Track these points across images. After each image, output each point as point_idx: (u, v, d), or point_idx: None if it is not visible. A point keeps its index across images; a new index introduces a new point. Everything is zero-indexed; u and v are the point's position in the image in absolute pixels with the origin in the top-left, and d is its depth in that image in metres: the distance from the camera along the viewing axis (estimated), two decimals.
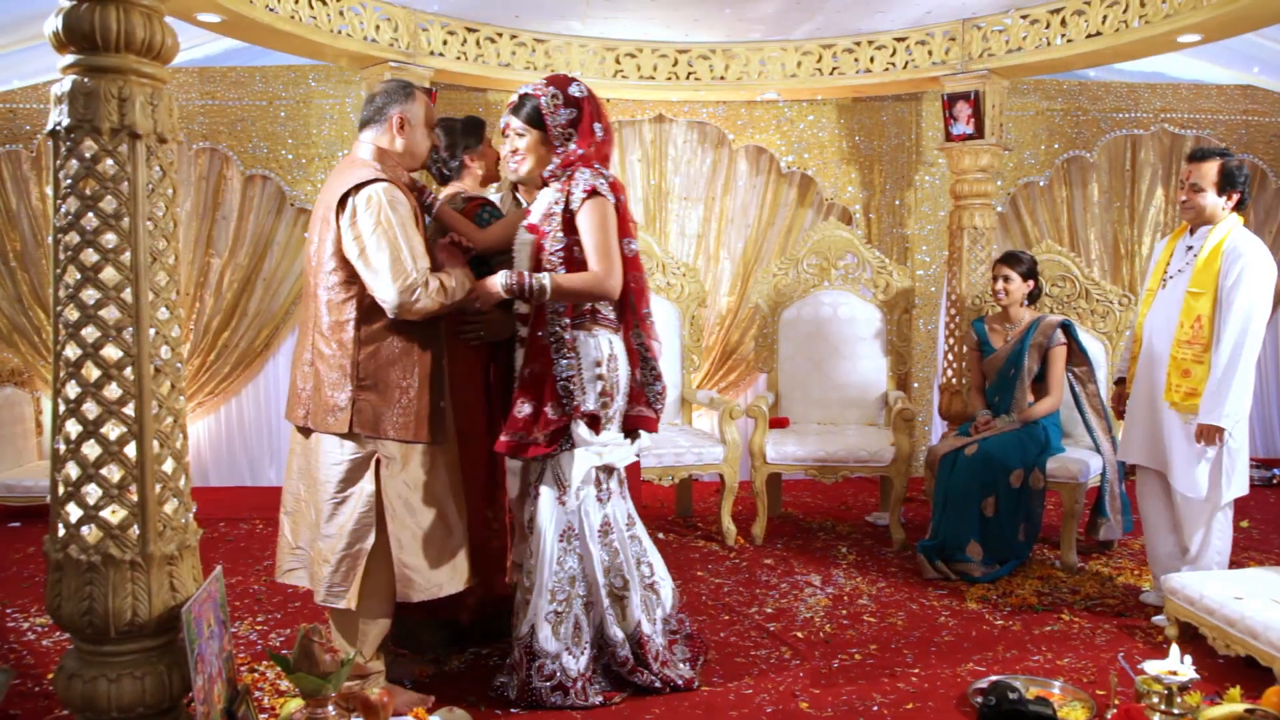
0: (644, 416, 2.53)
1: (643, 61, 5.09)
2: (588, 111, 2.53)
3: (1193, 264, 3.05)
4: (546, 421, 2.42)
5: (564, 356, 2.44)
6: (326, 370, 2.35)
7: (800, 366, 4.75)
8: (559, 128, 2.51)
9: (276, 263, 5.21)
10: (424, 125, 2.50)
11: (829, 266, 4.81)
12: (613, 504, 2.54)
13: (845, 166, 5.54)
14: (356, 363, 2.34)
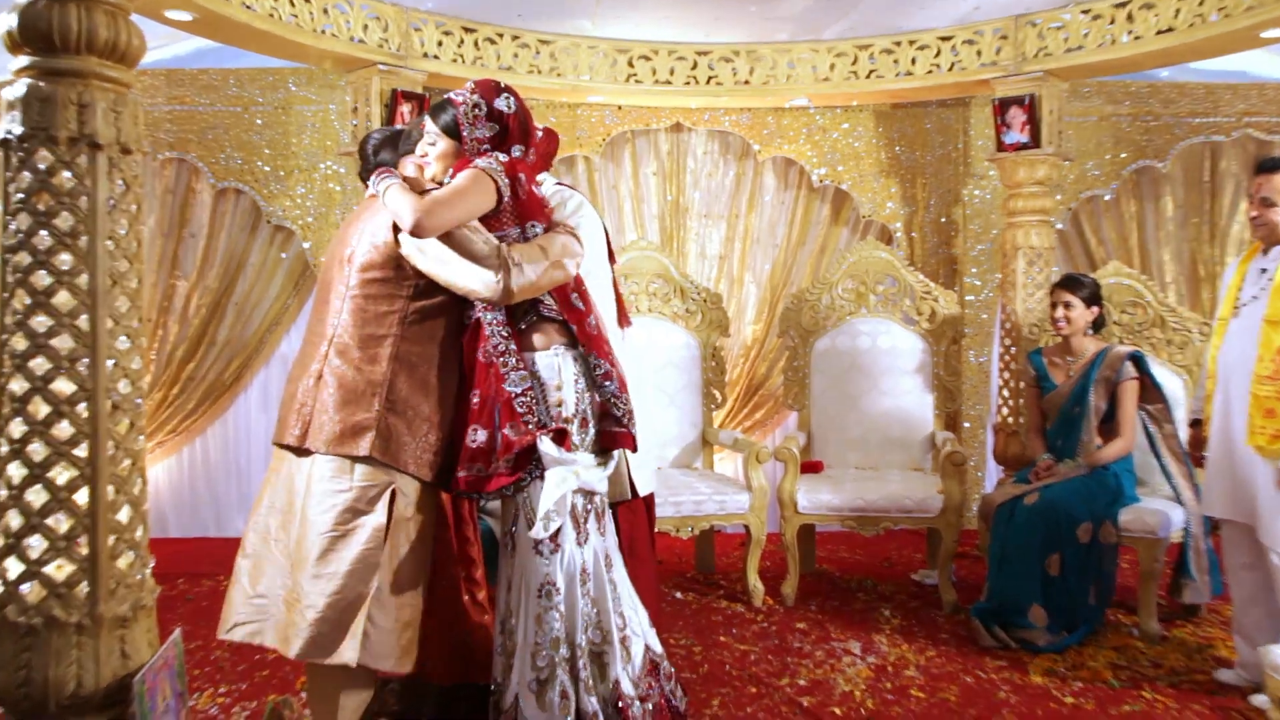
0: (620, 433, 2.54)
1: (659, 64, 5.12)
2: (513, 130, 2.55)
3: (1268, 288, 3.01)
4: (507, 444, 2.41)
5: (514, 370, 2.45)
6: (347, 386, 2.37)
7: (835, 403, 4.73)
8: (474, 142, 2.54)
9: (250, 286, 5.24)
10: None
11: (867, 291, 4.82)
12: (591, 544, 2.53)
13: (884, 180, 5.56)
14: (390, 382, 2.37)
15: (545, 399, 2.49)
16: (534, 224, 2.53)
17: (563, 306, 2.54)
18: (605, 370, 2.54)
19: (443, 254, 2.37)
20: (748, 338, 5.65)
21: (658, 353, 4.70)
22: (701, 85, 5.13)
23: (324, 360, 2.41)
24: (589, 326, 2.56)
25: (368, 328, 2.40)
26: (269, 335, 5.29)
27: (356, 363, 2.39)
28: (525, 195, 2.51)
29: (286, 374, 5.30)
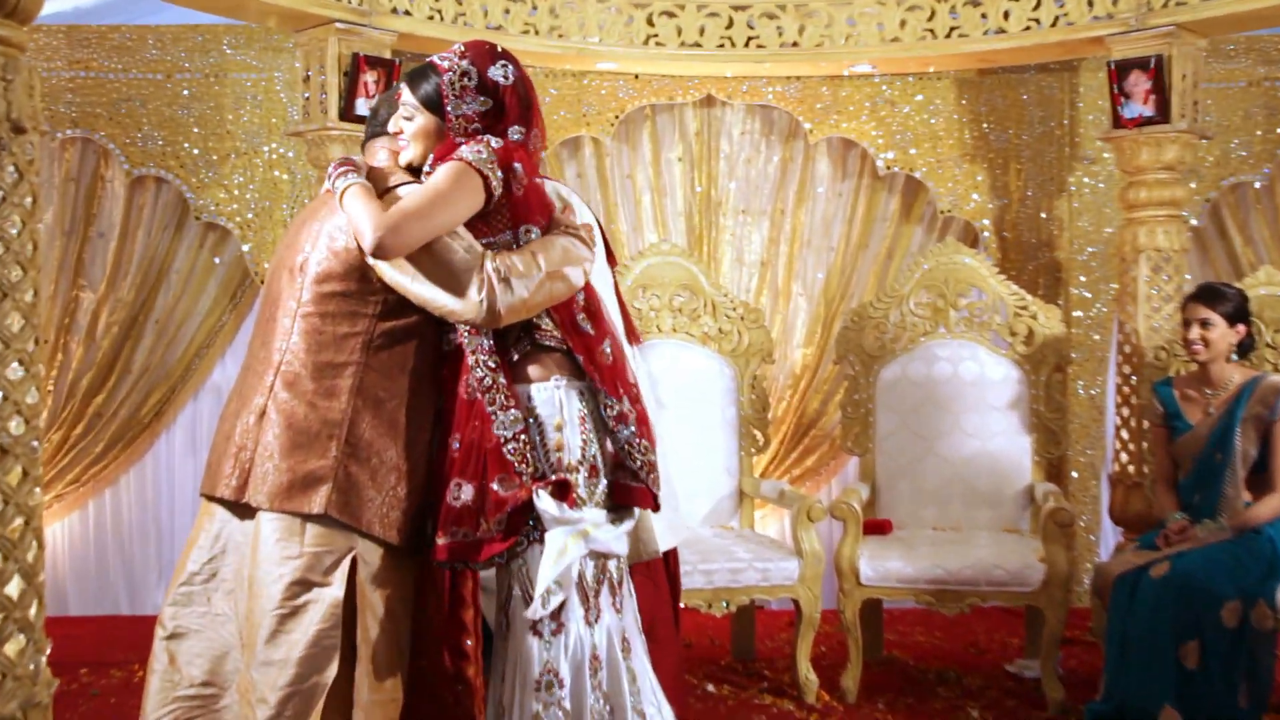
0: (636, 488, 2.55)
1: (685, 23, 5.10)
2: (509, 107, 2.56)
3: None
4: (497, 501, 2.42)
5: (504, 409, 2.46)
6: (297, 425, 2.38)
7: (907, 447, 4.71)
8: (460, 120, 2.55)
9: (174, 299, 5.22)
10: None
11: (946, 306, 4.82)
12: (604, 623, 2.52)
13: (968, 165, 5.53)
14: (351, 421, 2.39)
15: (544, 442, 2.49)
16: (529, 228, 2.54)
17: (566, 330, 2.55)
18: (620, 411, 2.54)
19: (412, 265, 2.39)
20: (796, 364, 5.64)
21: (683, 383, 4.68)
22: (739, 48, 5.11)
23: (269, 393, 2.42)
24: (600, 356, 2.56)
25: (324, 353, 2.41)
26: (198, 361, 5.28)
27: (309, 397, 2.39)
28: (522, 192, 2.51)
29: (218, 407, 5.28)
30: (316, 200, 2.61)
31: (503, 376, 2.47)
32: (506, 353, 2.51)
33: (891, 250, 5.59)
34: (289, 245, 2.54)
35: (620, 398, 2.54)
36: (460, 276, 2.36)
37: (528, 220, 2.53)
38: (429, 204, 2.37)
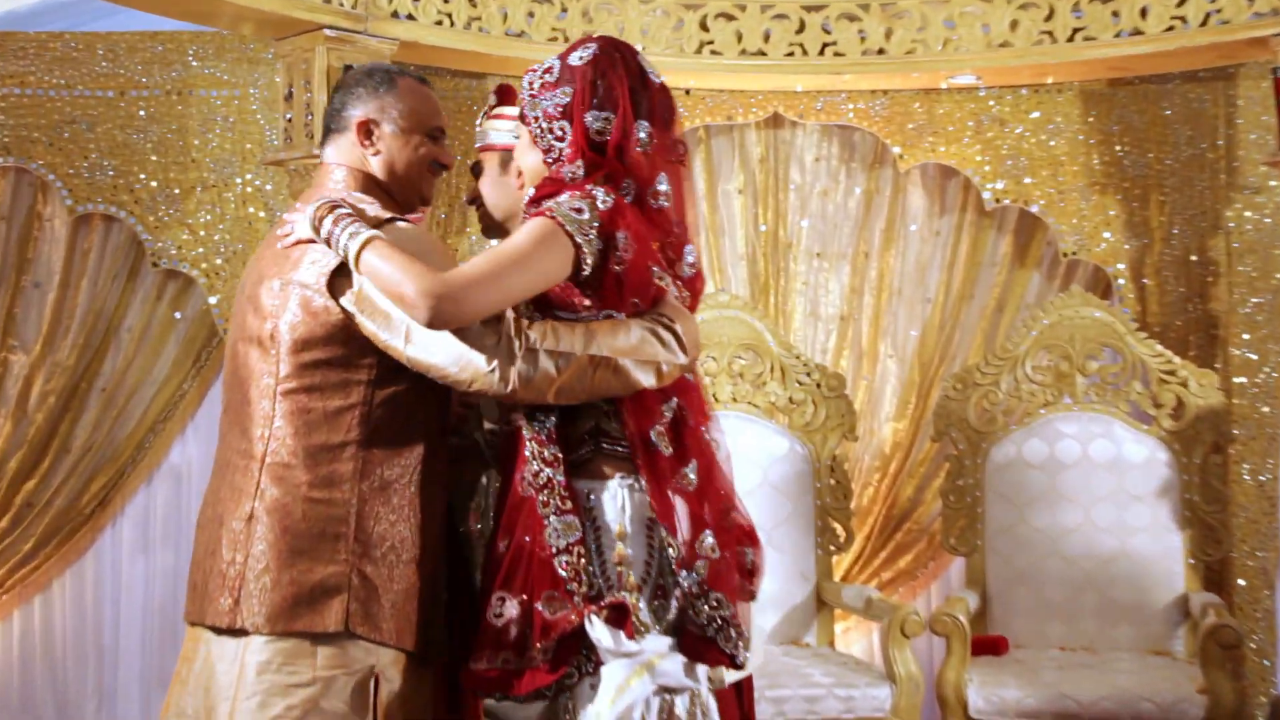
0: (703, 641, 2.54)
1: (746, 27, 5.12)
2: (578, 91, 2.55)
3: None
4: (544, 625, 2.43)
5: (558, 513, 2.48)
6: (292, 528, 2.41)
7: (1025, 546, 4.69)
8: (541, 122, 2.58)
9: (125, 361, 5.21)
10: (416, 128, 2.65)
11: (1072, 371, 4.81)
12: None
13: (1097, 197, 5.49)
14: (358, 513, 2.42)
15: (602, 553, 2.51)
16: (614, 315, 2.51)
17: (635, 445, 2.53)
18: (682, 555, 2.49)
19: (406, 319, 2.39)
20: (885, 442, 5.62)
21: (746, 465, 4.67)
22: (811, 57, 5.13)
23: (255, 492, 2.43)
24: (680, 484, 2.52)
25: (316, 435, 2.43)
26: (153, 438, 5.26)
27: (305, 490, 2.41)
28: (623, 269, 2.48)
29: (179, 495, 5.33)
30: (266, 249, 2.60)
31: (561, 473, 2.48)
32: (569, 446, 2.52)
33: (1002, 302, 5.58)
34: (249, 310, 2.53)
35: (696, 538, 2.50)
36: (472, 338, 2.35)
37: (619, 305, 2.52)
38: (502, 269, 2.37)
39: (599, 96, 2.53)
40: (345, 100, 2.64)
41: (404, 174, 2.65)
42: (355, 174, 2.61)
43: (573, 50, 2.59)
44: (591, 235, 2.45)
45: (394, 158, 2.63)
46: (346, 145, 2.63)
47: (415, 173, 2.66)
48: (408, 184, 2.66)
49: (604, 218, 2.46)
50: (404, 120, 2.63)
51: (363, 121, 2.61)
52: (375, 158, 2.62)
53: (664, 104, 2.60)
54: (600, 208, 2.47)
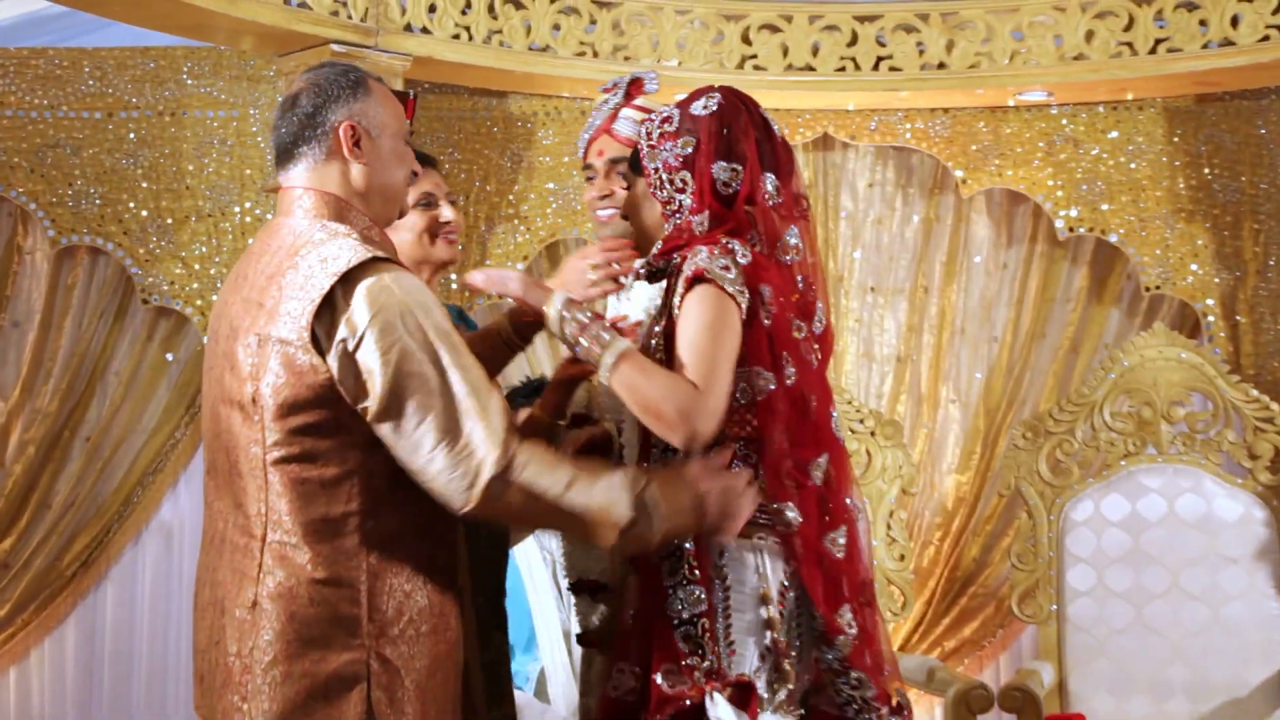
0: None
1: (793, 39, 5.15)
2: (703, 141, 2.67)
3: None
4: (661, 700, 2.50)
5: (685, 583, 2.54)
6: (300, 615, 2.37)
7: (1105, 614, 4.63)
8: (661, 173, 2.70)
9: (112, 408, 5.21)
10: (395, 135, 2.59)
11: (1156, 418, 4.76)
12: None
13: (1184, 225, 5.48)
14: (370, 590, 2.39)
15: (729, 617, 2.56)
16: (761, 371, 2.62)
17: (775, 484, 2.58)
18: (824, 630, 2.57)
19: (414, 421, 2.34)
20: (947, 496, 5.64)
21: None
22: (865, 72, 5.17)
23: (259, 576, 2.37)
24: (828, 549, 2.60)
25: (315, 507, 2.36)
26: (142, 492, 5.25)
27: (310, 573, 2.35)
28: (775, 324, 2.60)
29: (169, 554, 5.37)
30: (232, 293, 2.51)
31: (689, 540, 2.55)
32: None
33: (1077, 341, 5.57)
34: (225, 368, 2.45)
35: (836, 610, 2.59)
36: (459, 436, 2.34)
37: (768, 361, 2.60)
38: (718, 362, 2.52)
39: (726, 147, 2.66)
40: (318, 104, 2.50)
41: (390, 186, 2.57)
42: (325, 199, 2.48)
43: (694, 99, 2.71)
44: (741, 289, 2.57)
45: (380, 168, 2.53)
46: (321, 157, 2.49)
47: (401, 184, 2.59)
48: (393, 197, 2.59)
49: (748, 272, 2.58)
50: (385, 124, 2.55)
51: (349, 126, 2.50)
52: (359, 169, 2.51)
53: (787, 157, 2.73)
54: (742, 262, 2.58)
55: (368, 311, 2.31)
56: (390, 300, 2.33)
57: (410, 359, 2.33)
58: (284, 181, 2.51)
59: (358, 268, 2.32)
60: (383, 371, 2.31)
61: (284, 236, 2.45)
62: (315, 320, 2.33)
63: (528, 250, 5.41)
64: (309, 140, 2.49)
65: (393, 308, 2.33)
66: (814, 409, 2.64)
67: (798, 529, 2.58)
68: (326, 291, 2.31)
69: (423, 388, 2.33)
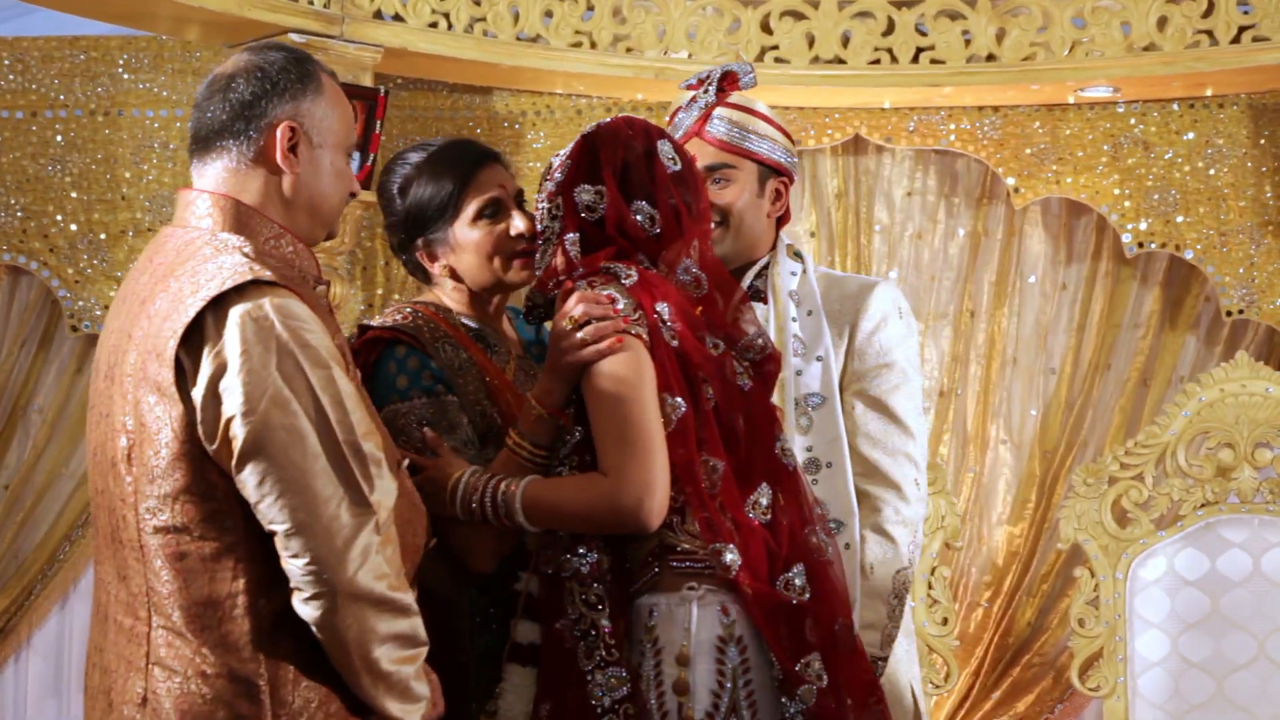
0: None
1: (819, 28, 5.19)
2: (570, 166, 2.80)
3: None
4: None
5: (604, 665, 2.57)
6: (194, 712, 2.32)
7: (1183, 686, 4.63)
8: (543, 204, 2.82)
9: (35, 451, 5.26)
10: (340, 148, 2.54)
11: (1238, 462, 4.74)
12: None
13: (1271, 241, 5.49)
14: (273, 680, 2.34)
15: (660, 684, 2.58)
16: (674, 400, 2.66)
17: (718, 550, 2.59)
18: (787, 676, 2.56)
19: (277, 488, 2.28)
20: (998, 551, 5.65)
21: None
22: (903, 65, 5.20)
23: (146, 668, 2.33)
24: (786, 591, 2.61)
25: (196, 587, 2.31)
26: (70, 547, 5.29)
27: (200, 664, 2.30)
28: (682, 343, 2.66)
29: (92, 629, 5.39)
30: (113, 317, 2.45)
31: (606, 617, 2.58)
32: (630, 576, 2.65)
33: (1147, 373, 5.61)
34: (101, 409, 2.40)
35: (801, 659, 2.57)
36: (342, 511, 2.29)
37: (667, 387, 2.63)
38: (642, 426, 2.58)
39: (587, 170, 2.73)
40: (258, 93, 2.41)
41: (323, 203, 2.50)
42: (224, 204, 2.40)
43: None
44: (637, 316, 2.62)
45: (314, 182, 2.46)
46: (246, 156, 2.41)
47: (336, 206, 2.54)
48: (326, 215, 2.53)
49: (637, 293, 2.64)
50: (332, 133, 2.48)
51: (289, 126, 2.42)
52: (289, 180, 2.44)
53: (677, 179, 2.79)
54: (627, 283, 2.65)
55: (239, 344, 2.24)
56: (267, 333, 2.26)
57: (282, 409, 2.26)
58: (195, 177, 2.44)
59: (234, 291, 2.25)
60: (245, 420, 2.24)
61: (166, 252, 2.39)
62: (182, 350, 2.26)
63: None
64: (237, 134, 2.41)
65: (269, 343, 2.26)
66: (743, 434, 2.67)
67: (737, 573, 2.58)
68: (192, 318, 2.23)
69: (296, 447, 2.27)
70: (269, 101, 2.41)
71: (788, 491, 2.69)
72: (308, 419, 2.27)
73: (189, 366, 2.27)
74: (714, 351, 2.70)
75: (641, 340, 2.61)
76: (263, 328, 2.25)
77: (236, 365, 2.23)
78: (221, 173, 2.41)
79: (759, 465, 2.68)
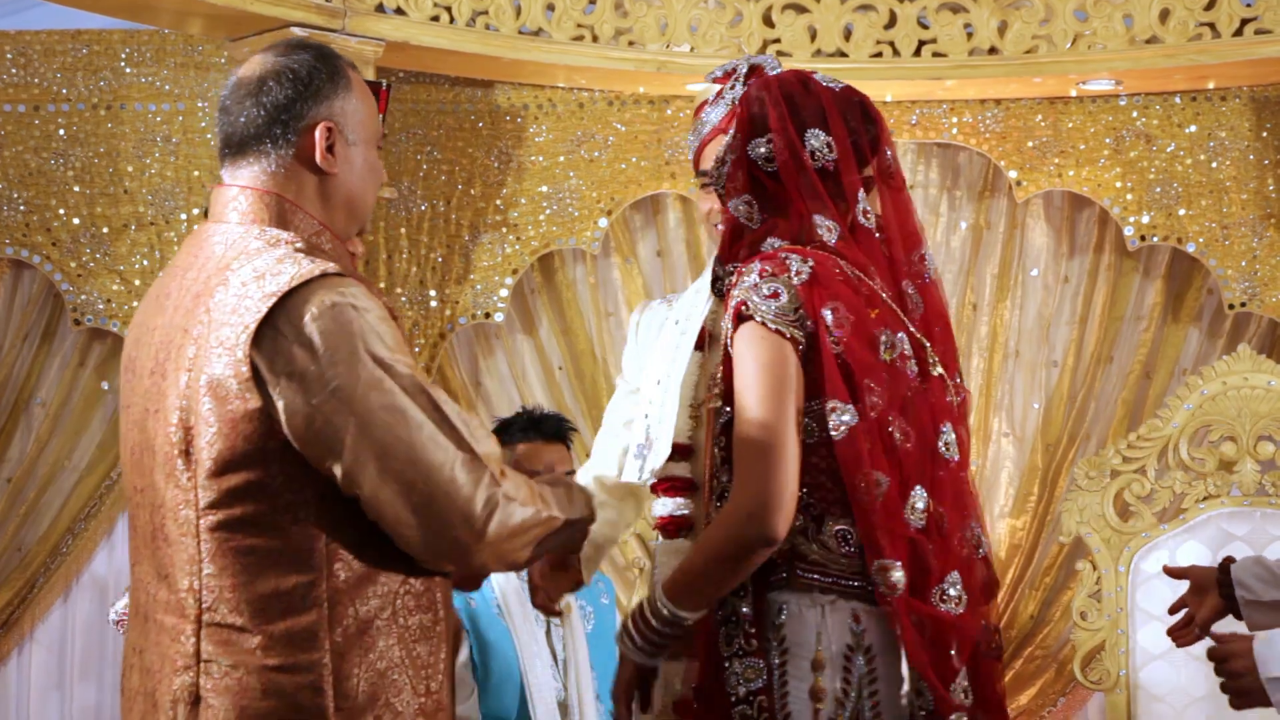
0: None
1: (821, 21, 5.18)
2: (736, 126, 2.76)
3: None
4: None
5: (741, 654, 2.57)
6: (251, 709, 2.32)
7: (1185, 680, 4.65)
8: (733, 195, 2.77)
9: (38, 443, 5.24)
10: (371, 142, 2.55)
11: (1240, 455, 4.77)
12: None
13: (1274, 234, 5.51)
14: (335, 673, 2.34)
15: (786, 685, 2.56)
16: (838, 405, 2.59)
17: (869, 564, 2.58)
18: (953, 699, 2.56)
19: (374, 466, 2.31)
20: (1000, 544, 5.64)
21: None
22: (905, 59, 5.20)
23: (198, 666, 2.33)
24: (938, 604, 2.58)
25: (263, 581, 2.32)
26: (73, 540, 5.26)
27: (261, 659, 2.30)
28: (840, 349, 2.58)
29: (104, 613, 5.20)
30: (154, 314, 2.45)
31: (747, 604, 2.58)
32: (762, 571, 2.61)
33: (1150, 366, 5.62)
34: (146, 410, 2.41)
35: (952, 680, 2.57)
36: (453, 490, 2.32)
37: (832, 394, 2.57)
38: (769, 428, 2.54)
39: (757, 123, 2.71)
40: (293, 95, 2.43)
41: (360, 199, 2.53)
42: (266, 199, 2.42)
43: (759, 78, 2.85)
44: (795, 320, 2.58)
45: (351, 178, 2.49)
46: (286, 158, 2.43)
47: (371, 200, 2.57)
48: (362, 211, 2.56)
49: (805, 294, 2.58)
50: (364, 128, 2.51)
51: (327, 126, 2.43)
52: (328, 178, 2.46)
53: (850, 112, 2.74)
54: (797, 281, 2.59)
55: (319, 337, 2.26)
56: (346, 321, 2.29)
57: (379, 390, 2.29)
58: (227, 178, 2.45)
59: (303, 285, 2.28)
60: (344, 408, 2.27)
61: (213, 246, 2.39)
62: (254, 349, 2.26)
63: (517, 263, 5.44)
64: (275, 138, 2.42)
65: (349, 331, 2.29)
66: (910, 439, 2.61)
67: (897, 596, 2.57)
68: (265, 314, 2.25)
69: (401, 424, 2.30)
70: (304, 104, 2.42)
71: (946, 488, 2.66)
72: (404, 394, 2.29)
73: (262, 363, 2.27)
74: (886, 356, 2.64)
75: (794, 343, 2.57)
76: (341, 318, 2.28)
77: (323, 357, 2.26)
78: (260, 174, 2.42)
79: (918, 468, 2.63)
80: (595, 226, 5.46)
